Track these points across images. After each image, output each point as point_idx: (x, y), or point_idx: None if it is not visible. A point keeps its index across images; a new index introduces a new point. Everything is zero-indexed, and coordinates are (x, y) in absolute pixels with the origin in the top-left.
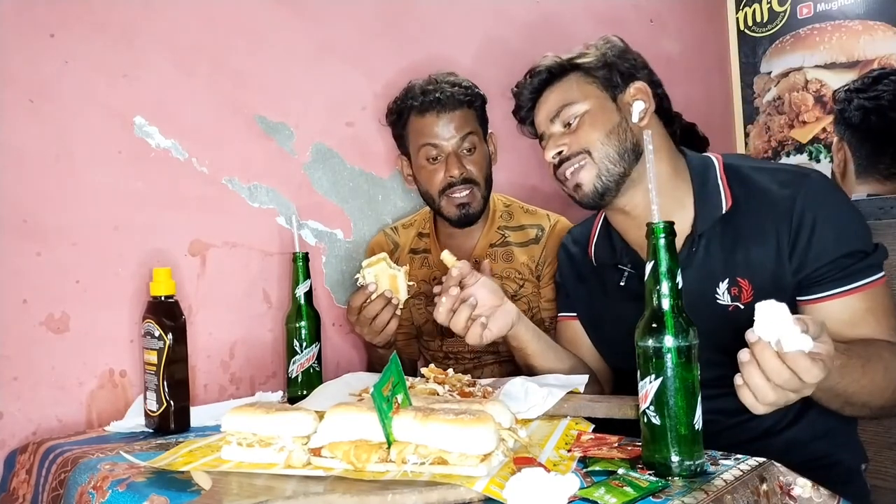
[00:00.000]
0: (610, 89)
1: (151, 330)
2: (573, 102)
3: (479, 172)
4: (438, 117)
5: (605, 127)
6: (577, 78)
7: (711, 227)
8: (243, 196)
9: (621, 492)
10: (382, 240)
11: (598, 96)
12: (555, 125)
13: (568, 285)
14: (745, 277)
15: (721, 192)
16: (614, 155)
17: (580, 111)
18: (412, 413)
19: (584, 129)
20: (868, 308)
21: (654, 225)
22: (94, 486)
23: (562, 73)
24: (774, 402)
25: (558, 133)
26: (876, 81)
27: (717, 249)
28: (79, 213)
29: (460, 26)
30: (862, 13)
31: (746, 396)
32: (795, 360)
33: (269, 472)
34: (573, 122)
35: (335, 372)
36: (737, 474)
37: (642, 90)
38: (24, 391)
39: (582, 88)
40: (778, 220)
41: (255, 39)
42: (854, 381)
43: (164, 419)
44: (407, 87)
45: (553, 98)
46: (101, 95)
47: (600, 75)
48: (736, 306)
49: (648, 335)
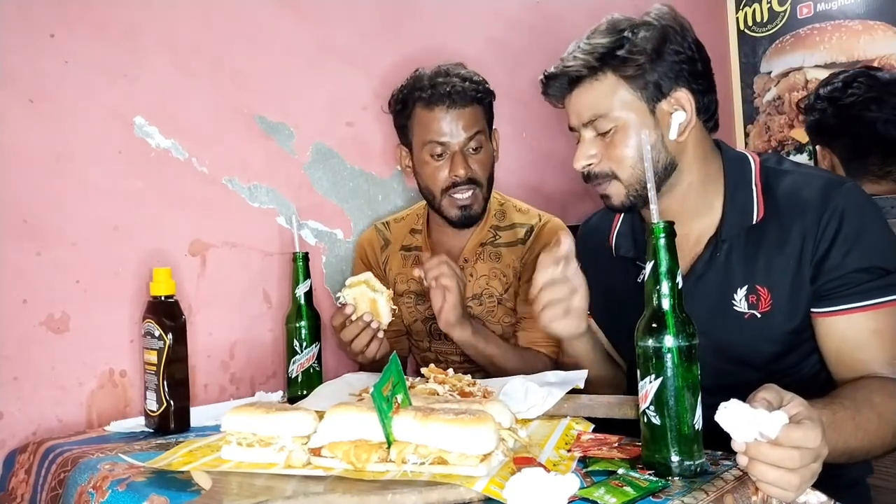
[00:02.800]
0: (650, 98)
1: (151, 330)
2: (607, 114)
3: (483, 173)
4: (447, 112)
5: (640, 150)
6: (614, 82)
7: (737, 234)
8: (243, 196)
9: (621, 492)
10: (373, 236)
11: (636, 109)
12: (587, 130)
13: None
14: (765, 286)
15: (754, 201)
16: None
17: (615, 124)
18: (412, 413)
19: (616, 150)
20: (875, 330)
21: (654, 225)
22: (94, 486)
23: (594, 72)
24: (802, 483)
25: (590, 139)
26: (847, 86)
27: (739, 255)
28: (79, 213)
29: (460, 26)
30: (862, 13)
31: (773, 491)
32: (789, 437)
33: (269, 471)
34: (607, 132)
35: (335, 372)
36: (737, 474)
37: (685, 99)
38: (24, 391)
39: (619, 97)
40: (804, 228)
41: (255, 39)
42: (850, 436)
43: (164, 419)
44: (414, 76)
45: (586, 102)
46: (101, 95)
47: (639, 83)
48: (752, 314)
49: (648, 335)
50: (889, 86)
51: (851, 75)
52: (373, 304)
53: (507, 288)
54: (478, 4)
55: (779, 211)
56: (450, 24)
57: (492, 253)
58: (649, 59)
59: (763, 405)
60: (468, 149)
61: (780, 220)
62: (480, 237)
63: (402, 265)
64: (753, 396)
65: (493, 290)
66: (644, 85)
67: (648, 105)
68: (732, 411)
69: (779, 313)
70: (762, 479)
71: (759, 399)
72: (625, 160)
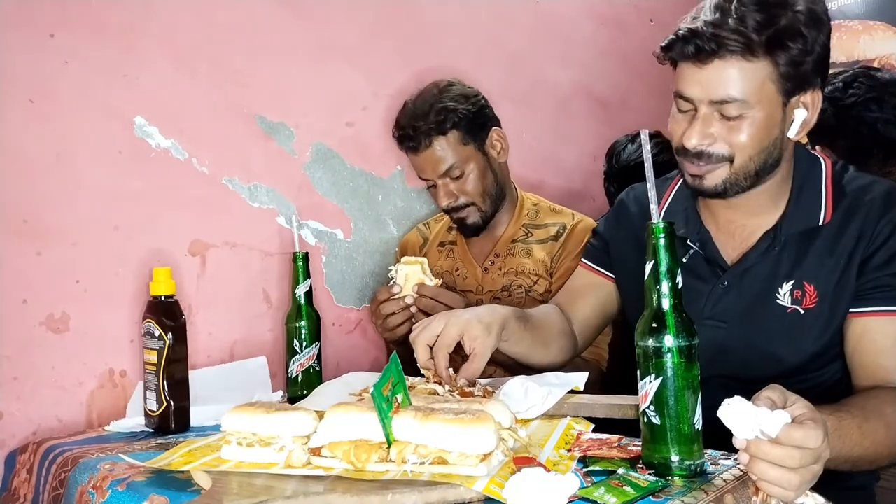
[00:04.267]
0: (789, 92)
1: (151, 330)
2: (745, 100)
3: (474, 192)
4: (417, 155)
5: (762, 144)
6: (765, 68)
7: (800, 232)
8: (243, 196)
9: (621, 492)
10: (414, 236)
11: (773, 102)
12: (710, 107)
13: (612, 244)
14: (812, 283)
15: (822, 202)
16: (753, 171)
17: (748, 112)
18: (412, 413)
19: (740, 136)
20: None
21: (654, 225)
22: (94, 486)
23: (748, 49)
24: (802, 483)
25: (709, 117)
26: (847, 86)
27: (791, 252)
28: (79, 213)
29: (460, 26)
30: (862, 13)
31: (773, 490)
32: (790, 437)
33: (269, 471)
34: (735, 117)
35: (335, 372)
36: (737, 474)
37: (812, 99)
38: (24, 391)
39: (765, 88)
40: (860, 230)
41: (255, 39)
42: (856, 444)
43: (163, 419)
44: (398, 115)
45: (727, 78)
46: (101, 95)
47: (789, 72)
48: (795, 310)
49: (649, 335)
50: (889, 86)
51: (851, 75)
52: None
53: (537, 281)
54: (477, 4)
55: (844, 214)
56: (449, 24)
57: (523, 249)
58: (805, 48)
59: (767, 404)
60: (447, 179)
61: (837, 220)
62: (512, 233)
63: (437, 258)
64: (758, 395)
65: (522, 282)
66: (790, 77)
67: (784, 99)
68: (735, 408)
69: (821, 312)
70: (762, 478)
71: (762, 398)
72: (746, 149)
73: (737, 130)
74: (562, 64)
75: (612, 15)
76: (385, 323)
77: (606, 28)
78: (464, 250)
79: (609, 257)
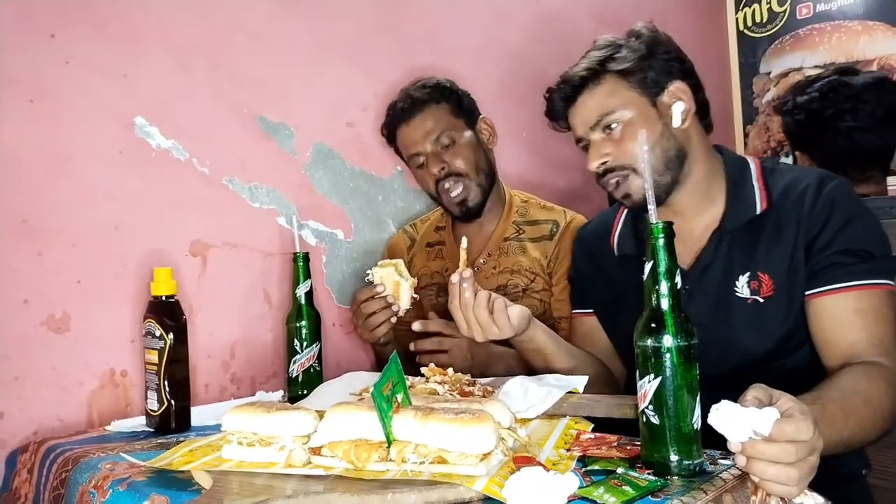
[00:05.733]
0: (649, 92)
1: (152, 330)
2: (613, 111)
3: (465, 163)
4: (409, 125)
5: (650, 139)
6: (615, 82)
7: (740, 225)
8: (244, 196)
9: (620, 491)
10: (400, 238)
11: (638, 102)
12: (595, 132)
13: (583, 280)
14: (766, 272)
15: (757, 193)
16: (660, 166)
17: (622, 119)
18: (412, 412)
19: (627, 144)
20: (858, 310)
21: (654, 225)
22: (95, 486)
23: (596, 76)
24: (801, 477)
25: (600, 140)
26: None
27: (741, 245)
28: (79, 214)
29: (460, 26)
30: (861, 13)
31: (775, 488)
32: (782, 432)
33: (270, 471)
34: (615, 129)
35: (335, 371)
36: (736, 473)
37: (682, 90)
38: (24, 391)
39: (621, 95)
40: (800, 215)
41: (255, 39)
42: (843, 427)
43: (164, 419)
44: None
45: (591, 105)
46: (101, 96)
47: (638, 79)
48: (755, 300)
49: (647, 335)
50: (863, 92)
51: (827, 84)
52: (396, 287)
53: (534, 279)
54: (477, 4)
55: (778, 203)
56: (449, 23)
57: (517, 247)
58: (643, 57)
59: (754, 404)
60: (439, 147)
61: (780, 211)
62: (503, 231)
63: (426, 260)
64: (743, 397)
65: (518, 281)
66: (642, 80)
67: (649, 99)
68: (724, 412)
69: (779, 299)
70: (762, 477)
71: (749, 398)
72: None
73: (623, 140)
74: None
75: (612, 15)
76: (366, 323)
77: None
78: (453, 249)
79: (587, 296)
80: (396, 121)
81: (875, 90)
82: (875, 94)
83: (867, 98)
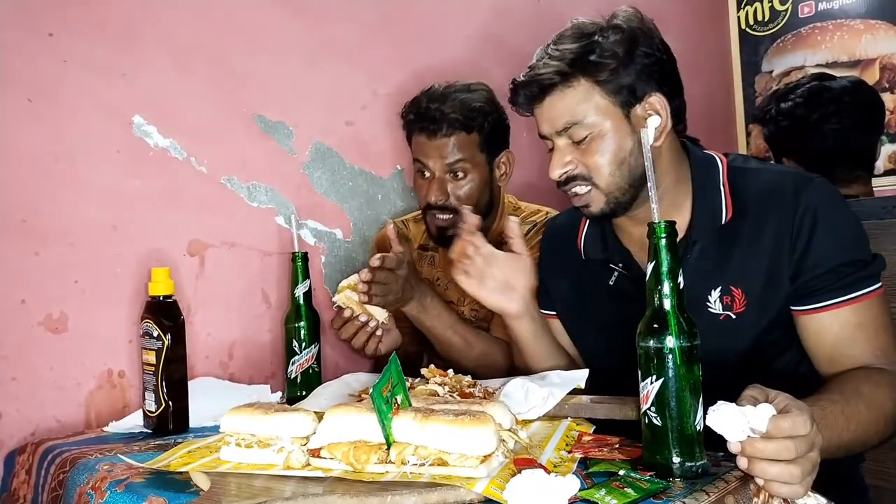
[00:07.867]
0: (623, 102)
1: (150, 330)
2: (582, 121)
3: (466, 199)
4: (430, 139)
5: (618, 156)
6: (587, 88)
7: (708, 235)
8: (242, 196)
9: (622, 493)
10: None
11: (610, 113)
12: (561, 138)
13: (548, 280)
14: (739, 287)
15: (722, 200)
16: (624, 185)
17: (590, 131)
18: (412, 414)
19: (594, 156)
20: (859, 323)
21: (656, 225)
22: (93, 487)
23: (567, 79)
24: (804, 474)
25: (564, 147)
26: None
27: (711, 256)
28: (77, 213)
29: (460, 24)
30: (864, 12)
31: (780, 489)
32: (779, 428)
33: (268, 472)
34: (582, 139)
35: (334, 372)
36: (738, 475)
37: (659, 103)
38: (22, 391)
39: (592, 103)
40: (778, 223)
41: (254, 39)
42: (843, 429)
43: (162, 420)
44: (417, 96)
45: (560, 108)
46: (99, 95)
47: (612, 87)
48: (727, 315)
49: (650, 335)
50: (844, 95)
51: (808, 90)
52: (360, 305)
53: None
54: (477, 3)
55: (749, 210)
56: (449, 22)
57: None
58: (621, 62)
59: (750, 402)
60: (448, 175)
61: (752, 220)
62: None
63: (418, 263)
64: (741, 397)
65: None
66: (618, 90)
67: (623, 110)
68: (721, 413)
69: (752, 313)
70: (765, 477)
71: (746, 398)
72: (602, 167)
73: (589, 152)
74: None
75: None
76: (351, 344)
77: None
78: (445, 259)
79: (551, 297)
80: (417, 122)
81: (854, 93)
82: (854, 98)
83: (848, 101)
